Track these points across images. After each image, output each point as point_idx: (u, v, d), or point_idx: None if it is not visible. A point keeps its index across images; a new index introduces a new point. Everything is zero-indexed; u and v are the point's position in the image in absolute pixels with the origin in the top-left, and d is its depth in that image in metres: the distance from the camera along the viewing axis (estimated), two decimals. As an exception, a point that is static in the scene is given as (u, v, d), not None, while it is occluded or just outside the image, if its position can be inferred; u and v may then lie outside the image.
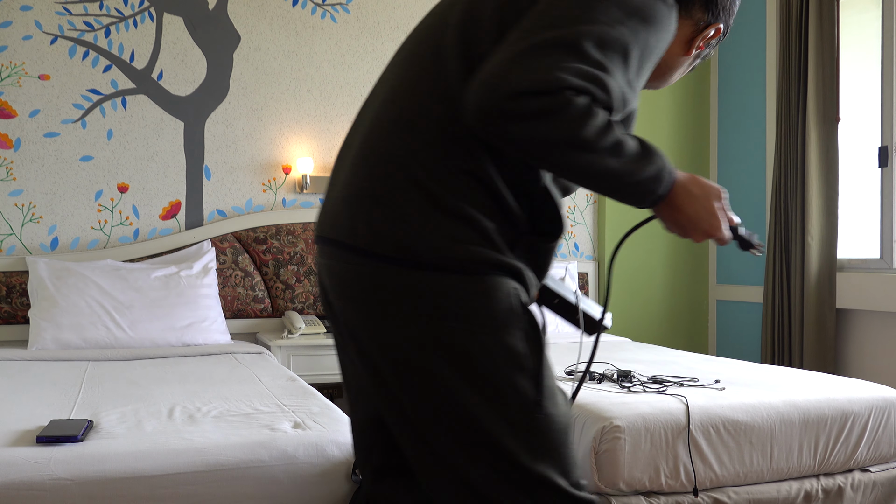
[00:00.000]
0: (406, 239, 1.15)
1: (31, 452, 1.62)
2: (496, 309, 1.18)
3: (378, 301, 1.19)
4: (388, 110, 1.24)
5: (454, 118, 1.17)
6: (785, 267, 3.89)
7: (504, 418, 1.16)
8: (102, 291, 3.23)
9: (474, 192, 1.18)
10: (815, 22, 3.75)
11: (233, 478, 1.69)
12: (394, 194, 1.17)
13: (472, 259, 1.17)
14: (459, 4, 1.25)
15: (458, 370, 1.16)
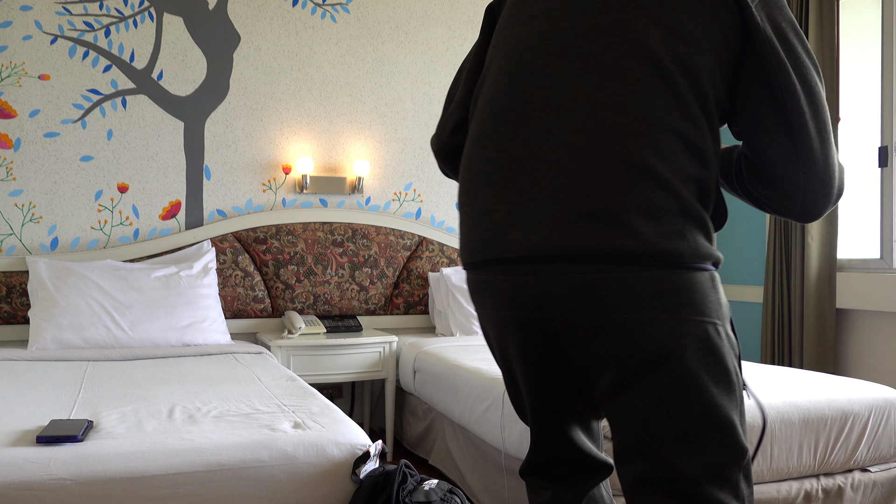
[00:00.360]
0: (660, 244, 1.16)
1: (32, 452, 1.62)
2: (722, 299, 1.23)
3: (633, 303, 1.18)
4: (606, 122, 1.18)
5: (688, 130, 1.19)
6: (785, 267, 3.89)
7: (733, 402, 1.21)
8: (102, 291, 3.23)
9: (705, 197, 1.23)
10: (815, 22, 3.76)
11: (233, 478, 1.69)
12: (642, 205, 1.16)
13: (704, 255, 1.20)
14: (639, 12, 1.22)
15: (704, 361, 1.19)
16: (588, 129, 1.19)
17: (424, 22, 4.17)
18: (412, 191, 4.14)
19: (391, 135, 4.10)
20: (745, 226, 4.43)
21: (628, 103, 1.18)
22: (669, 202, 1.17)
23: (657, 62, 1.19)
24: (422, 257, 4.10)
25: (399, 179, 4.12)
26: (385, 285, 4.03)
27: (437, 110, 4.18)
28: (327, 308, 3.91)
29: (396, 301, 4.07)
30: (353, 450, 1.80)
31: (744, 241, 4.44)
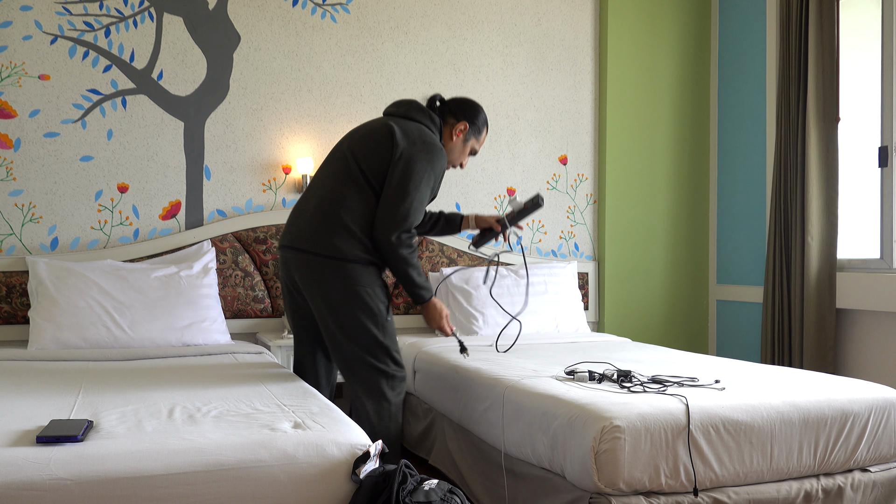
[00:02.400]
0: (340, 248, 2.61)
1: (32, 452, 1.62)
2: (371, 278, 2.64)
3: (323, 276, 2.62)
4: (325, 189, 2.68)
5: (361, 202, 2.65)
6: (785, 267, 3.89)
7: (378, 326, 2.65)
8: (102, 291, 3.23)
9: (365, 231, 2.63)
10: (815, 22, 3.76)
11: (233, 478, 1.69)
12: (336, 229, 2.62)
13: (361, 258, 2.63)
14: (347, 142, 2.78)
15: (359, 307, 2.62)
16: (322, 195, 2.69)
17: (424, 22, 4.17)
18: (412, 191, 4.14)
19: (391, 135, 4.10)
20: (746, 226, 4.43)
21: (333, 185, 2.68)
22: (348, 232, 2.61)
23: (350, 171, 2.65)
24: (422, 257, 4.10)
25: (399, 179, 4.12)
26: (385, 285, 4.02)
27: (437, 110, 4.19)
28: (327, 308, 3.91)
29: (396, 301, 4.06)
30: (353, 450, 1.80)
31: (744, 241, 4.44)
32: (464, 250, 4.19)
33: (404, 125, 2.68)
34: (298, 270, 2.66)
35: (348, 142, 2.72)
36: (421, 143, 2.63)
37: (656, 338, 4.53)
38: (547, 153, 4.43)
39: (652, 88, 4.59)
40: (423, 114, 2.75)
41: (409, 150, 2.60)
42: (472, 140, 2.87)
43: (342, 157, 2.68)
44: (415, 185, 2.59)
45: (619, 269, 4.50)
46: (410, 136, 2.63)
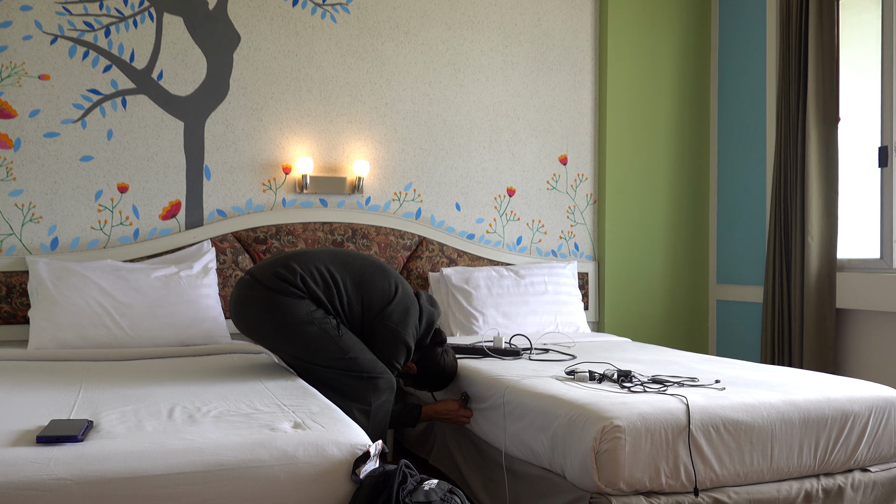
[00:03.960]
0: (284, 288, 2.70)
1: (32, 452, 1.62)
2: (310, 307, 2.71)
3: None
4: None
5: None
6: (785, 267, 3.89)
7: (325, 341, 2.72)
8: (102, 291, 3.22)
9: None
10: (815, 22, 3.76)
11: (233, 478, 1.69)
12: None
13: (301, 293, 2.72)
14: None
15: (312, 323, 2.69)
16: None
17: (424, 22, 4.17)
18: (412, 191, 4.14)
19: (391, 135, 4.10)
20: (746, 226, 4.43)
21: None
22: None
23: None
24: (422, 257, 4.10)
25: (399, 179, 4.12)
26: (385, 285, 4.03)
27: (437, 110, 4.18)
28: (327, 308, 3.91)
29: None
30: (353, 450, 1.80)
31: (744, 241, 4.44)
32: (464, 250, 4.20)
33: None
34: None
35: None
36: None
37: (656, 338, 4.53)
38: (547, 153, 4.43)
39: (652, 88, 4.59)
40: (426, 316, 2.90)
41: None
42: (408, 380, 3.03)
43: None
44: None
45: (619, 269, 4.50)
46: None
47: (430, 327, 2.91)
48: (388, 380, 2.70)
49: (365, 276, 2.81)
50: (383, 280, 2.82)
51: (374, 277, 2.81)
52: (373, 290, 2.79)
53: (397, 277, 2.88)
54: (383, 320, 2.76)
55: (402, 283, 2.88)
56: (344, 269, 2.79)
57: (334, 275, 2.76)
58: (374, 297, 2.78)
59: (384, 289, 2.80)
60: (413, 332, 2.81)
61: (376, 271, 2.84)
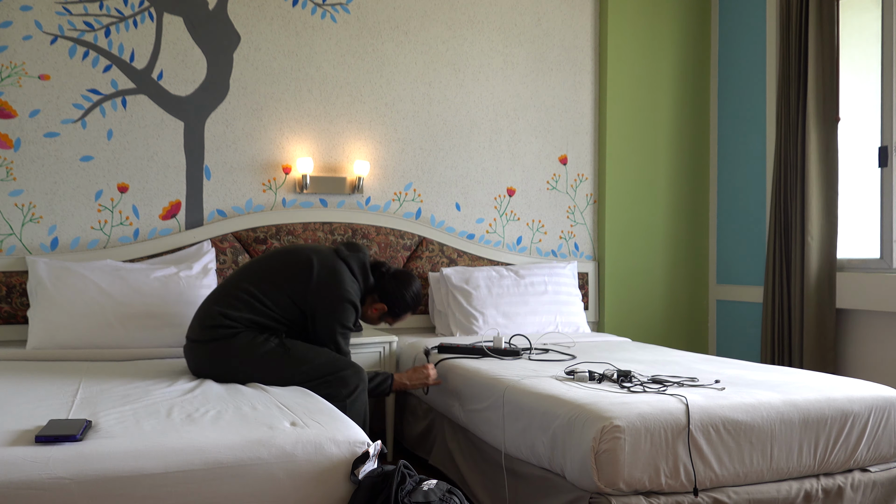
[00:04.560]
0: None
1: (31, 452, 1.62)
2: (258, 339, 2.73)
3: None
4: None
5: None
6: (785, 267, 3.89)
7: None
8: (102, 292, 3.22)
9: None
10: (815, 22, 3.76)
11: (232, 476, 1.69)
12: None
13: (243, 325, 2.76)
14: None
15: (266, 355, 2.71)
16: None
17: (424, 22, 4.17)
18: (412, 191, 4.14)
19: (391, 135, 4.10)
20: (746, 226, 4.43)
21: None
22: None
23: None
24: (422, 257, 4.10)
25: (399, 179, 4.12)
26: (385, 285, 4.02)
27: (437, 110, 4.18)
28: (327, 308, 3.90)
29: (396, 301, 4.06)
30: (352, 448, 1.80)
31: (744, 241, 4.44)
32: (464, 250, 4.20)
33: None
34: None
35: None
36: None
37: (656, 338, 4.53)
38: (547, 153, 4.43)
39: (652, 88, 4.58)
40: (358, 266, 2.91)
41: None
42: (385, 318, 3.10)
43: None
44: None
45: (619, 269, 4.50)
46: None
47: (365, 269, 2.93)
48: (355, 371, 2.71)
49: (275, 270, 2.81)
50: (295, 261, 2.82)
51: (284, 265, 2.82)
52: (289, 276, 2.78)
53: (311, 249, 2.88)
54: (317, 293, 2.75)
55: (316, 251, 2.86)
56: (256, 277, 2.79)
57: (250, 289, 2.75)
58: (296, 281, 2.77)
59: (300, 268, 2.79)
60: (353, 287, 2.82)
61: (286, 257, 2.85)
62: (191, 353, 2.76)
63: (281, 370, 2.62)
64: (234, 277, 2.83)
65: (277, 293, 2.75)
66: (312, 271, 2.77)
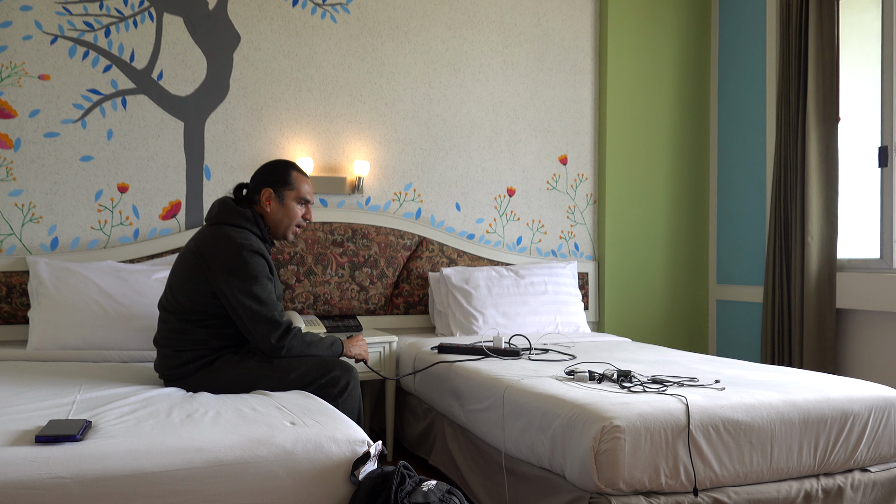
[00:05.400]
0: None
1: (31, 452, 1.62)
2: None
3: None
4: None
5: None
6: (785, 267, 3.89)
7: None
8: (102, 292, 3.22)
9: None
10: (815, 22, 3.76)
11: (232, 474, 1.69)
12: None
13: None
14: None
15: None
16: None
17: (424, 22, 4.17)
18: (412, 191, 4.14)
19: (391, 135, 4.10)
20: (746, 226, 4.43)
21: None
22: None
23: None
24: (422, 257, 4.10)
25: (399, 179, 4.12)
26: (385, 285, 4.03)
27: (438, 110, 4.18)
28: (327, 308, 3.91)
29: (396, 301, 4.06)
30: (352, 447, 1.80)
31: (744, 241, 4.44)
32: (464, 250, 4.20)
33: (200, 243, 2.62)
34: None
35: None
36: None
37: (656, 338, 4.53)
38: (547, 153, 4.43)
39: (652, 88, 4.58)
40: (228, 213, 2.65)
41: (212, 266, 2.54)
42: (288, 196, 2.74)
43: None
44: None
45: (619, 269, 4.50)
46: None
47: (228, 204, 2.68)
48: (344, 369, 2.56)
49: (174, 276, 2.66)
50: (182, 258, 2.65)
51: (177, 265, 2.67)
52: (182, 272, 2.61)
53: (191, 240, 2.68)
54: (209, 269, 2.54)
55: (193, 238, 2.67)
56: (166, 299, 2.66)
57: (165, 310, 2.64)
58: (190, 278, 2.58)
59: (187, 259, 2.62)
60: (230, 233, 2.57)
61: (178, 260, 2.69)
62: (174, 384, 2.61)
63: (271, 384, 2.48)
64: (161, 303, 2.69)
65: (192, 294, 2.57)
66: (208, 250, 2.56)
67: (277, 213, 2.73)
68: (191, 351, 2.58)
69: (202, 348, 2.59)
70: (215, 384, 2.52)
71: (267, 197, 2.72)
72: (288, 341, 2.53)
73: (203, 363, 2.58)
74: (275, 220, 2.74)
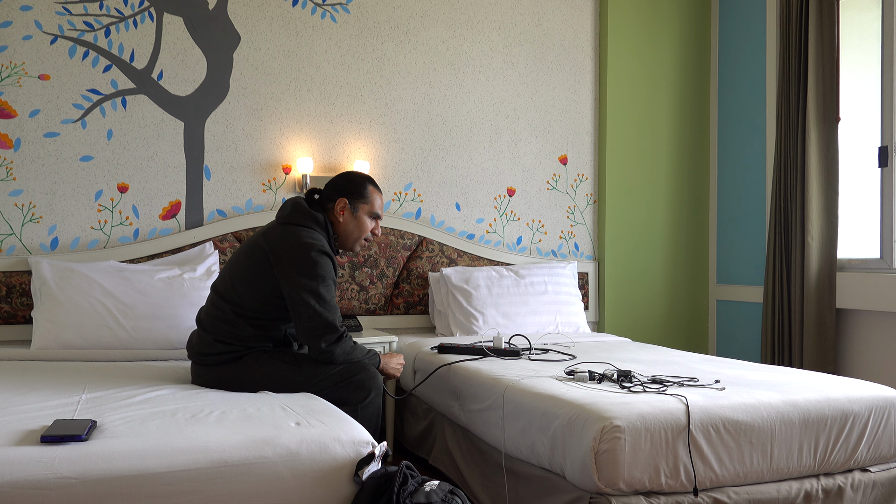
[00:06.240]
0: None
1: (36, 452, 1.62)
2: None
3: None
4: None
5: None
6: (785, 267, 3.89)
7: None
8: (105, 292, 3.22)
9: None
10: (815, 22, 3.76)
11: (237, 475, 1.69)
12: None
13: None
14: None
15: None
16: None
17: (424, 22, 4.17)
18: (412, 191, 4.15)
19: (391, 135, 4.10)
20: (746, 226, 4.43)
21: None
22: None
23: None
24: (422, 257, 4.10)
25: (399, 179, 4.12)
26: (385, 285, 4.03)
27: (438, 110, 4.19)
28: (327, 308, 3.91)
29: (396, 301, 4.07)
30: (356, 447, 1.80)
31: (744, 241, 4.45)
32: (464, 250, 4.20)
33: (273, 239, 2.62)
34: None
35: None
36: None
37: (656, 338, 4.54)
38: (547, 153, 4.44)
39: (652, 88, 4.59)
40: (300, 215, 2.66)
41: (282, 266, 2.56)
42: (361, 209, 2.76)
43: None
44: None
45: (619, 269, 4.51)
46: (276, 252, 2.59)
47: (302, 206, 2.68)
48: (370, 375, 2.57)
49: (236, 267, 2.65)
50: (248, 252, 2.64)
51: (241, 256, 2.66)
52: (247, 266, 2.61)
53: (258, 234, 2.70)
54: (276, 264, 2.55)
55: (261, 233, 2.67)
56: (224, 287, 2.66)
57: (221, 297, 2.64)
58: (256, 275, 2.59)
59: (254, 254, 2.61)
60: (302, 233, 2.58)
61: (243, 251, 2.68)
62: (196, 374, 2.65)
63: (297, 384, 2.51)
64: (216, 287, 2.70)
65: (253, 290, 2.60)
66: (265, 248, 2.59)
67: (349, 225, 2.76)
68: (231, 344, 2.60)
69: (243, 344, 2.61)
70: (239, 379, 2.55)
71: (341, 207, 2.74)
72: (337, 348, 2.54)
73: (234, 356, 2.60)
74: (345, 231, 2.76)
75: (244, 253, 2.67)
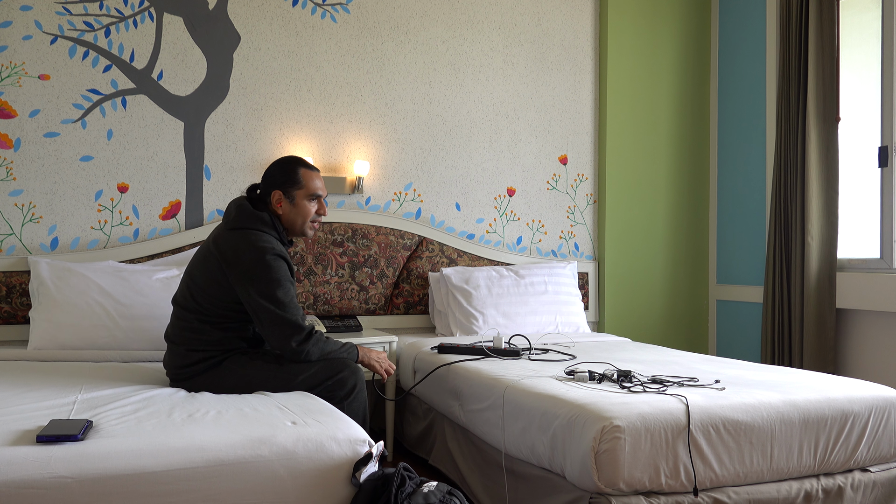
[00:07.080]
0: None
1: (32, 451, 1.62)
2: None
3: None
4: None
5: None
6: (785, 267, 3.89)
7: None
8: (104, 293, 3.22)
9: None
10: (815, 22, 3.76)
11: (233, 474, 1.69)
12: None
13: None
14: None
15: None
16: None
17: (424, 22, 4.17)
18: (412, 191, 4.14)
19: (391, 135, 4.10)
20: (746, 226, 4.43)
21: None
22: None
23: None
24: (422, 257, 4.10)
25: (399, 179, 4.12)
26: (385, 285, 4.03)
27: (438, 110, 4.18)
28: (327, 308, 3.91)
29: (396, 301, 4.07)
30: (353, 446, 1.80)
31: (744, 241, 4.45)
32: (464, 250, 4.20)
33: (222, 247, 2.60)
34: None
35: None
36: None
37: (656, 338, 4.53)
38: (547, 153, 4.43)
39: (652, 88, 4.59)
40: (245, 217, 2.64)
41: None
42: (298, 195, 2.71)
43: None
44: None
45: (619, 269, 4.50)
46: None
47: (245, 208, 2.65)
48: (351, 371, 2.57)
49: (194, 276, 2.64)
50: (203, 259, 2.63)
51: (197, 264, 2.66)
52: (204, 273, 2.60)
53: (208, 239, 2.69)
54: (232, 274, 2.54)
55: (211, 239, 2.66)
56: (184, 298, 2.65)
57: (182, 308, 2.63)
58: (213, 282, 2.58)
59: (208, 261, 2.60)
60: (250, 237, 2.56)
61: (197, 259, 2.68)
62: (180, 384, 2.62)
63: (279, 385, 2.50)
64: (177, 300, 2.68)
65: (213, 297, 2.58)
66: (217, 256, 2.57)
67: (290, 214, 2.72)
68: (204, 351, 2.59)
69: (216, 349, 2.61)
70: (223, 384, 2.53)
71: (277, 199, 2.71)
72: (309, 346, 2.54)
73: (213, 363, 2.59)
74: (290, 220, 2.73)
75: (199, 263, 2.66)
